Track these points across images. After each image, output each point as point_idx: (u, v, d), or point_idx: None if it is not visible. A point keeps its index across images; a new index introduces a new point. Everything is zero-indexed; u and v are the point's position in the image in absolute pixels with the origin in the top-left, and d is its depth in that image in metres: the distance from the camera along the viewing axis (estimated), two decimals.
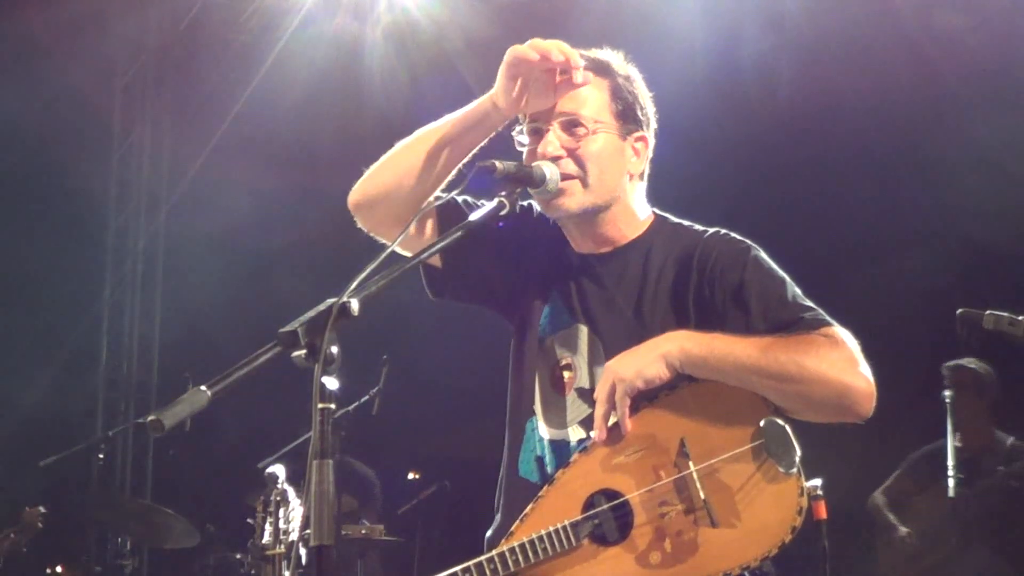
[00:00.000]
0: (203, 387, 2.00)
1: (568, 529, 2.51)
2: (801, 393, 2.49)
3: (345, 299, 2.09)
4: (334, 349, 2.05)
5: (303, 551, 3.78)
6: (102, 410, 8.93)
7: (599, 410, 2.55)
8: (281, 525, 4.80)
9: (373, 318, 2.20)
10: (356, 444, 7.14)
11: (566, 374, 2.74)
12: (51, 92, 8.10)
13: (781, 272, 2.65)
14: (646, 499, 2.52)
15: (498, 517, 2.79)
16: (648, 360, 2.51)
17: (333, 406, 2.03)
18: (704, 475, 2.49)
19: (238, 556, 6.63)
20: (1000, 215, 6.95)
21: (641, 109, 2.75)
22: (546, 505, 2.56)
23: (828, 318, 2.57)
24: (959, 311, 4.37)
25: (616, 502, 2.53)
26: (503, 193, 2.51)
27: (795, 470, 2.49)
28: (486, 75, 2.70)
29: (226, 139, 8.66)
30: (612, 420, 2.55)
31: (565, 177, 2.65)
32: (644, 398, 2.56)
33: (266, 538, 4.82)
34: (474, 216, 2.52)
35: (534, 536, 2.51)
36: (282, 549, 4.76)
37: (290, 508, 4.82)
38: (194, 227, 8.97)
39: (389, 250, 2.35)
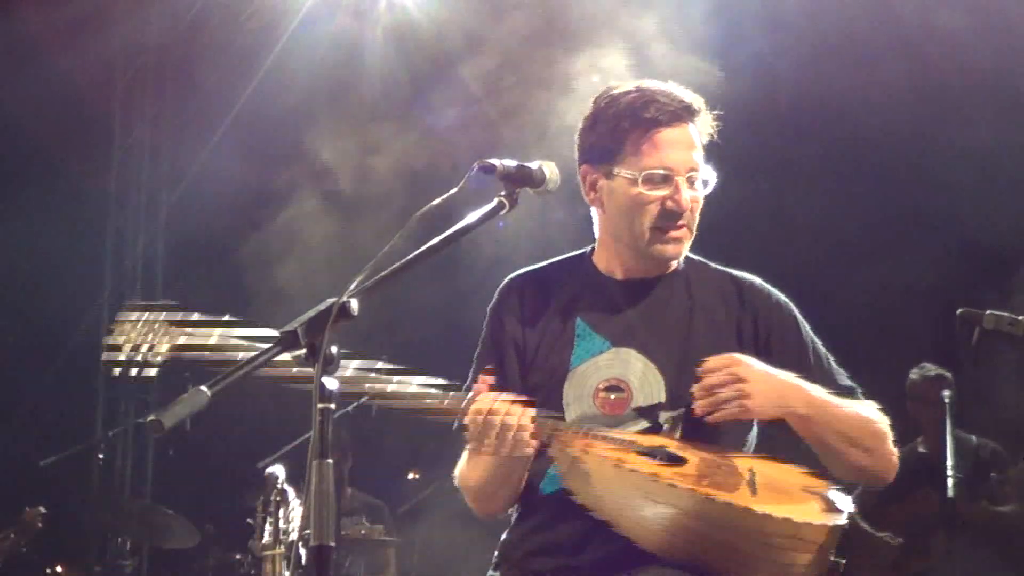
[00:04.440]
0: (203, 387, 2.00)
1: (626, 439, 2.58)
2: (861, 464, 2.68)
3: (345, 299, 2.09)
4: (334, 349, 2.05)
5: (303, 551, 3.79)
6: (102, 410, 8.93)
7: (709, 380, 2.55)
8: (281, 525, 4.80)
9: (373, 318, 2.20)
10: (356, 444, 7.15)
11: (613, 395, 2.71)
12: (51, 92, 8.09)
13: None
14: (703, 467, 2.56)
15: (514, 528, 2.78)
16: (777, 406, 2.58)
17: (333, 406, 2.03)
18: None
19: (238, 556, 6.63)
20: (1000, 215, 6.95)
21: None
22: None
23: None
24: (959, 311, 4.37)
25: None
26: (503, 193, 2.51)
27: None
28: (486, 75, 2.69)
29: (226, 139, 8.65)
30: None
31: (683, 227, 2.73)
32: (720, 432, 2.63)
33: (266, 538, 4.82)
34: (473, 215, 2.49)
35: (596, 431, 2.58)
36: (282, 549, 4.76)
37: (290, 508, 4.82)
38: (194, 227, 8.97)
39: (386, 249, 2.35)
